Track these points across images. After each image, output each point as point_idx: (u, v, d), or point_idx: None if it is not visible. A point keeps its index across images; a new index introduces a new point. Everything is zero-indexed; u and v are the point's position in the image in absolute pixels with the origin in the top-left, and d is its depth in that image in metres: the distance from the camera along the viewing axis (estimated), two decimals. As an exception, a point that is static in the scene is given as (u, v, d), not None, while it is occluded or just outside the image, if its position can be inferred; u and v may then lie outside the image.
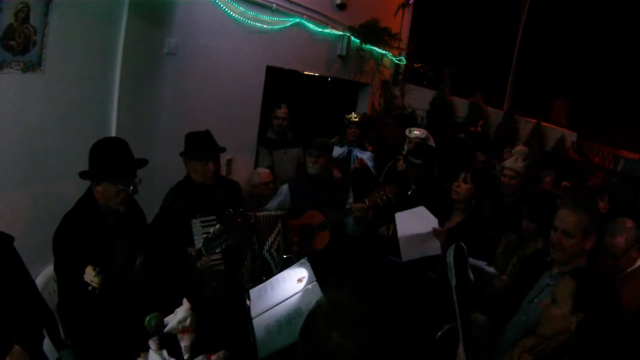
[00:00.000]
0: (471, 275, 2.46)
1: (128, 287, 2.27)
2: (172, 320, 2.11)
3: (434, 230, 3.49)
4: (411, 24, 8.00)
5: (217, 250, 2.90)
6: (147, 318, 2.02)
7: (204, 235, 2.89)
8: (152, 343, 1.96)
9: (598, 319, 1.84)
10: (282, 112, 5.03)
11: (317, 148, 3.72)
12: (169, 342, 2.10)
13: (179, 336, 2.11)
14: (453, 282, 2.29)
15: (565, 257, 2.38)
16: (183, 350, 2.11)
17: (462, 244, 2.49)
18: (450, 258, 2.42)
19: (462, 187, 3.70)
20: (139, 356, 2.00)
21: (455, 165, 5.70)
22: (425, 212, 3.56)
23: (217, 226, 2.78)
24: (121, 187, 2.52)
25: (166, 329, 2.08)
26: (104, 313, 2.33)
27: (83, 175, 2.54)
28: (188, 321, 2.10)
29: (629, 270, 2.75)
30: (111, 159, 2.53)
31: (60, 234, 2.46)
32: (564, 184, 5.58)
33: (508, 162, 4.38)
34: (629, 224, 2.85)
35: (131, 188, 2.56)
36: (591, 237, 2.35)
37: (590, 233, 2.34)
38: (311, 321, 1.35)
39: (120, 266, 2.16)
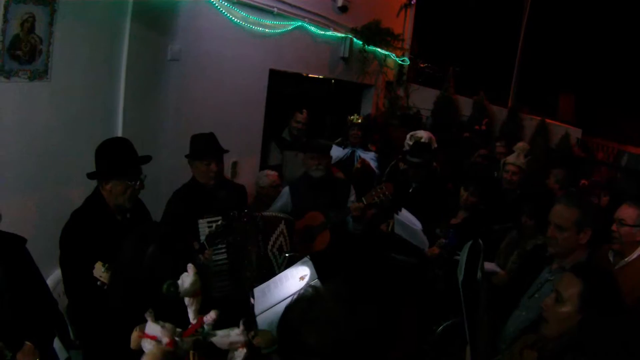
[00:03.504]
0: (479, 274, 2.48)
1: (138, 283, 2.31)
2: (184, 285, 2.10)
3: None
4: (414, 24, 8.02)
5: (220, 246, 2.99)
6: (165, 285, 2.02)
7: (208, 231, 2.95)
8: (149, 315, 1.96)
9: (602, 315, 1.85)
10: (302, 116, 5.24)
11: (318, 151, 3.73)
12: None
13: (189, 300, 2.10)
14: (461, 276, 2.30)
15: (560, 250, 2.42)
16: (192, 314, 2.11)
17: (480, 241, 2.52)
18: (464, 253, 2.45)
19: (469, 199, 3.93)
20: (135, 330, 2.00)
21: (460, 164, 5.73)
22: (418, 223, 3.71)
23: (220, 222, 2.85)
24: (129, 183, 2.59)
25: (182, 294, 2.08)
26: (113, 312, 2.37)
27: (91, 175, 2.61)
28: (198, 284, 2.11)
29: (630, 259, 2.76)
30: (117, 157, 2.60)
31: (69, 229, 2.52)
32: (582, 182, 5.54)
33: (510, 158, 4.42)
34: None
35: (137, 183, 2.63)
36: (586, 231, 2.38)
37: (584, 227, 2.37)
38: (286, 314, 1.36)
39: (129, 259, 2.18)
